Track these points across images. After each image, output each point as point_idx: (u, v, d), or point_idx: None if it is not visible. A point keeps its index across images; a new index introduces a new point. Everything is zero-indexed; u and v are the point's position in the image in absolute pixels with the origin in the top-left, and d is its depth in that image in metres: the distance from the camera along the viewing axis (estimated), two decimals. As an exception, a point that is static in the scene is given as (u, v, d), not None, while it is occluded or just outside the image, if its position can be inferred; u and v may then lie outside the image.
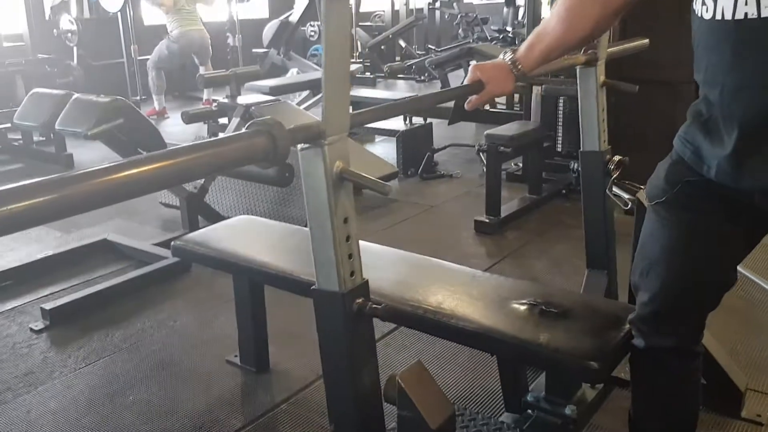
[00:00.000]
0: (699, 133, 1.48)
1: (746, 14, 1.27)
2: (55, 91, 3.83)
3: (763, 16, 1.26)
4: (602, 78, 2.35)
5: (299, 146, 1.30)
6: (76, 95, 3.43)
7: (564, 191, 4.74)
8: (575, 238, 3.91)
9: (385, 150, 5.96)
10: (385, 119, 1.75)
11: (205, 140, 1.19)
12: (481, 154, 5.07)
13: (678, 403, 1.71)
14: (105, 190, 1.01)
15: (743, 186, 1.42)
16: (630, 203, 2.26)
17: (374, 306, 1.36)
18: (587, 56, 2.32)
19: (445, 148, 5.78)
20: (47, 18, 8.51)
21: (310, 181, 1.32)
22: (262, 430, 2.38)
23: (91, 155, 6.34)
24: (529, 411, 2.03)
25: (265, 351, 2.69)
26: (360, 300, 1.37)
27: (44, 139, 6.53)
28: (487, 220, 4.14)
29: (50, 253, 3.83)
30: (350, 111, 1.39)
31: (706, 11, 1.35)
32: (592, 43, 2.32)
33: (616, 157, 2.37)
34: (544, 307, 1.87)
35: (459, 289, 2.04)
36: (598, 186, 2.38)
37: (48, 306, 3.15)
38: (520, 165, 5.20)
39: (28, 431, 2.38)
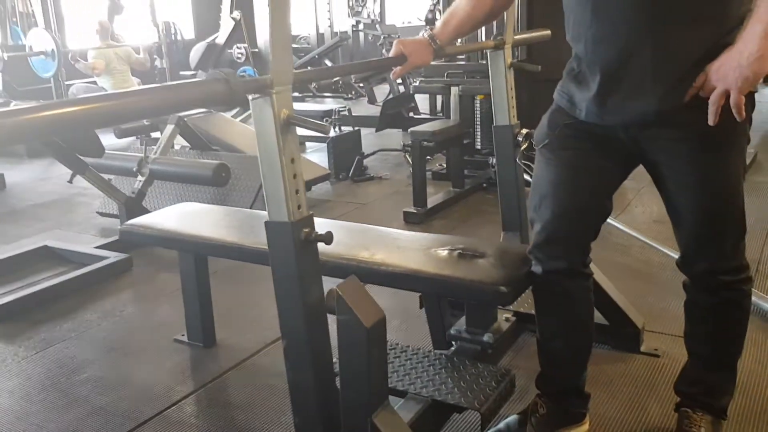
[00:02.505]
0: (571, 83, 1.81)
1: None
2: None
3: None
4: (509, 60, 2.63)
5: (250, 96, 1.52)
6: (14, 102, 3.55)
7: (485, 185, 5.07)
8: (496, 222, 4.21)
9: (317, 158, 6.20)
10: (325, 79, 2.00)
11: (174, 83, 1.41)
12: (406, 155, 5.37)
13: (574, 318, 1.99)
14: (93, 114, 1.22)
15: (608, 122, 1.74)
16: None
17: (319, 234, 1.59)
18: (496, 41, 2.60)
19: (374, 153, 6.07)
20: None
21: (261, 126, 1.54)
22: (212, 393, 2.56)
23: (23, 176, 6.39)
24: (453, 342, 2.29)
25: (211, 326, 2.86)
26: (307, 229, 1.59)
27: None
28: (415, 211, 4.43)
29: (-9, 260, 3.90)
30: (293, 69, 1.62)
31: None
32: (500, 29, 2.64)
33: (524, 130, 2.66)
34: (461, 251, 2.14)
35: (388, 244, 2.29)
36: (509, 155, 2.65)
37: (-6, 304, 3.25)
38: (444, 165, 5.52)
39: (-14, 408, 2.50)
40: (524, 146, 2.68)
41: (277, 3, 1.49)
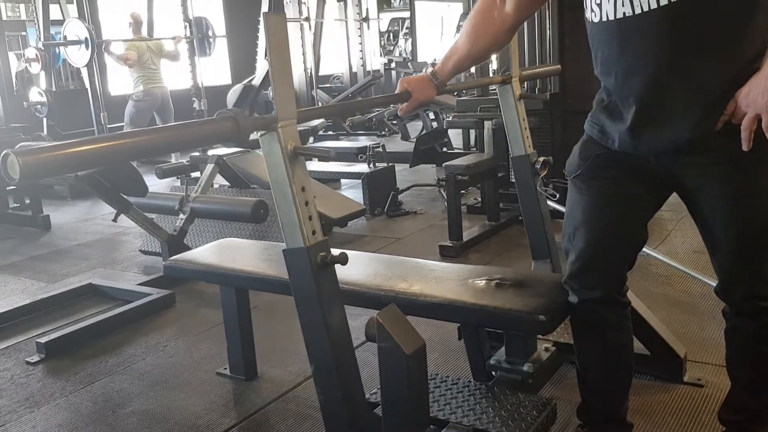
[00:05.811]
0: (602, 114, 1.84)
1: (624, 13, 1.65)
2: (43, 143, 4.08)
3: (636, 13, 1.63)
4: (518, 92, 2.66)
5: (259, 133, 1.62)
6: (63, 143, 3.69)
7: (520, 218, 5.04)
8: (533, 255, 4.23)
9: (352, 194, 6.28)
10: (326, 117, 2.08)
11: (185, 122, 1.50)
12: (441, 189, 5.41)
13: (612, 347, 2.00)
14: (116, 151, 1.36)
15: (641, 151, 1.77)
16: (557, 194, 2.56)
17: (334, 255, 1.66)
18: (503, 76, 2.65)
19: (408, 188, 6.13)
20: (15, 91, 8.88)
21: (270, 160, 1.64)
22: (255, 425, 2.60)
23: (68, 217, 6.57)
24: (493, 373, 2.30)
25: (252, 359, 2.91)
26: (323, 253, 1.67)
27: (18, 205, 6.73)
28: (451, 245, 4.45)
29: (39, 297, 4.01)
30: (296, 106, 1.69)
31: (595, 16, 1.73)
32: (506, 65, 2.69)
33: (542, 158, 2.68)
34: (499, 281, 2.16)
35: (426, 275, 2.32)
36: (529, 185, 2.67)
37: (42, 340, 3.33)
38: (479, 199, 5.55)
39: (37, 441, 2.57)
40: (543, 173, 2.69)
41: (275, 44, 1.60)
